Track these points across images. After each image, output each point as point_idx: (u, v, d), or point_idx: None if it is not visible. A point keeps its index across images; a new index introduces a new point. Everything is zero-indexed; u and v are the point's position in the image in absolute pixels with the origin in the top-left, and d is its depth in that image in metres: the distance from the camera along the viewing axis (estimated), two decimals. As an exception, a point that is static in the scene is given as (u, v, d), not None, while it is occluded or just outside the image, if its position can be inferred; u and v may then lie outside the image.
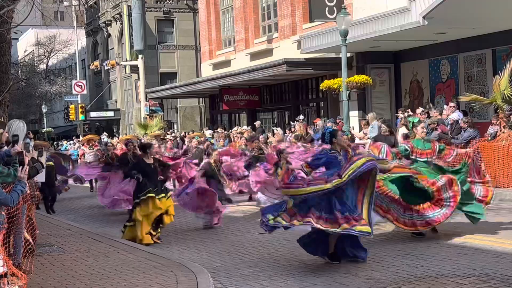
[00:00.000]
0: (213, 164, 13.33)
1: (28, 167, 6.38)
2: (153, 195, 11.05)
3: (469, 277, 7.53)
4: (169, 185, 14.84)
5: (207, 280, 7.61)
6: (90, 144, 22.78)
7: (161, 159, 12.83)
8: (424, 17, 16.86)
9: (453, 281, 7.37)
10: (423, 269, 8.04)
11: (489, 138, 14.93)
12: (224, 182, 14.05)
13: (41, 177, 14.67)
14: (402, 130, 16.82)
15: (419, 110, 17.90)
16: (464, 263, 8.19)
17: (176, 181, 16.31)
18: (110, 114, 48.47)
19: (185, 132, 31.86)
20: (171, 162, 13.99)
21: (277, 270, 8.46)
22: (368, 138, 17.75)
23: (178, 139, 26.26)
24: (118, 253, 9.59)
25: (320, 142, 18.17)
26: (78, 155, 25.41)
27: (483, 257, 8.50)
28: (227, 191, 15.01)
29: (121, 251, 9.73)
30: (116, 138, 34.05)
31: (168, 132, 30.70)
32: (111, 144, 19.29)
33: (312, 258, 9.07)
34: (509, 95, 14.78)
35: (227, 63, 31.25)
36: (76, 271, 8.50)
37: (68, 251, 9.97)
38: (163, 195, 11.21)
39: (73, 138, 42.61)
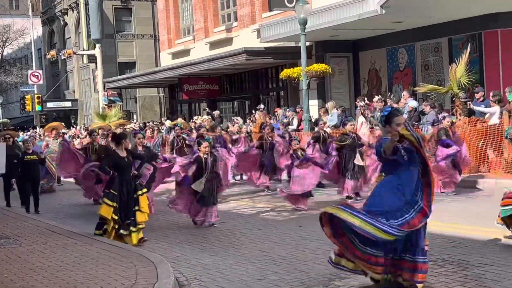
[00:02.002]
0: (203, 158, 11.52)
1: None
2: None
3: (429, 262, 7.62)
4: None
5: (167, 271, 7.55)
6: (54, 134, 20.14)
7: (135, 151, 11.59)
8: (381, 6, 16.99)
9: (411, 267, 7.45)
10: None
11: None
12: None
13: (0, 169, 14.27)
14: (361, 119, 16.99)
15: (376, 98, 18.07)
16: (421, 249, 8.30)
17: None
18: (68, 104, 47.74)
19: (144, 122, 31.59)
20: (164, 165, 12.93)
21: (238, 259, 8.46)
22: (328, 127, 17.86)
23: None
24: (76, 245, 9.45)
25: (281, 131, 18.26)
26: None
27: (440, 242, 8.64)
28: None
29: (79, 243, 9.59)
30: (74, 129, 33.58)
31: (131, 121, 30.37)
32: (96, 134, 16.69)
33: (273, 247, 9.10)
34: (465, 82, 15.02)
35: (186, 52, 31.04)
36: (33, 264, 8.34)
37: (25, 244, 9.78)
38: (139, 192, 10.12)
39: (29, 129, 41.80)
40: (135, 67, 42.71)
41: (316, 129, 15.87)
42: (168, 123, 25.66)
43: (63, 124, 27.84)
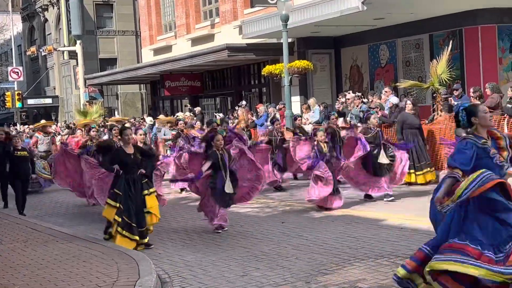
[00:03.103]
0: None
1: None
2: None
3: (408, 257, 7.67)
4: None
5: (149, 268, 7.52)
6: (45, 131, 19.82)
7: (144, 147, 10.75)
8: (363, 3, 17.03)
9: (393, 262, 7.51)
10: (364, 250, 8.18)
11: (427, 122, 15.24)
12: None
13: None
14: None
15: (351, 95, 18.15)
16: (403, 244, 8.37)
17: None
18: (48, 101, 47.36)
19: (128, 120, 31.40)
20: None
21: (220, 256, 8.45)
22: (310, 123, 17.89)
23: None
24: (57, 242, 9.39)
25: (266, 126, 18.18)
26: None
27: (421, 237, 8.68)
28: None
29: (60, 240, 9.54)
30: (55, 126, 33.29)
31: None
32: (95, 130, 15.47)
33: (255, 244, 9.10)
34: (446, 79, 15.11)
35: (168, 48, 30.92)
36: (14, 262, 8.28)
37: (5, 241, 9.71)
38: (145, 192, 9.43)
39: (9, 125, 41.39)
40: (116, 64, 42.46)
41: (323, 123, 15.54)
42: (149, 120, 25.54)
43: (53, 122, 27.56)
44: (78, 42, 36.67)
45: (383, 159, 11.92)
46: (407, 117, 13.94)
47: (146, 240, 9.30)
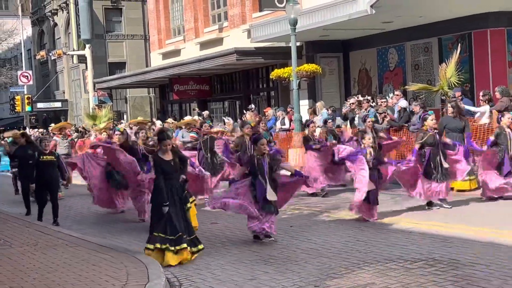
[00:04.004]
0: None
1: None
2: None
3: (417, 261, 7.67)
4: None
5: (158, 271, 7.54)
6: (63, 133, 19.03)
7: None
8: (371, 6, 17.01)
9: (402, 266, 7.50)
10: (373, 254, 8.16)
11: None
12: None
13: None
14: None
15: (354, 99, 18.14)
16: (412, 248, 8.35)
17: None
18: (58, 105, 47.53)
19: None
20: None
21: (228, 259, 8.45)
22: (318, 127, 17.86)
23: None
24: (66, 246, 9.42)
25: (274, 130, 18.11)
26: None
27: (430, 241, 8.68)
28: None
29: (69, 244, 9.56)
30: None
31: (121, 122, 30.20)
32: (119, 133, 14.53)
33: (264, 247, 9.10)
34: (455, 82, 15.08)
35: (176, 52, 30.99)
36: (24, 265, 8.31)
37: (15, 245, 9.74)
38: (189, 205, 8.97)
39: (20, 129, 41.57)
40: (125, 68, 42.59)
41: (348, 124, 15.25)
42: (159, 123, 25.55)
43: (71, 123, 26.74)
44: (87, 46, 36.82)
45: (444, 163, 11.25)
46: (448, 120, 13.44)
47: (201, 247, 8.67)
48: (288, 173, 9.92)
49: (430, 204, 11.42)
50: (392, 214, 11.11)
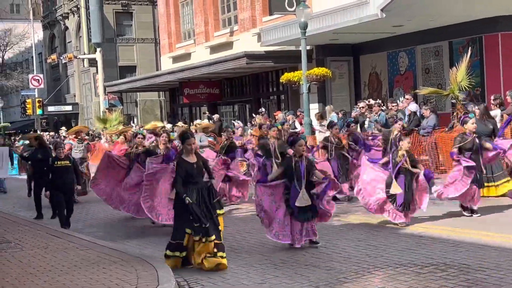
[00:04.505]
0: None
1: None
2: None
3: (427, 266, 7.64)
4: None
5: (168, 274, 7.55)
6: (79, 137, 18.66)
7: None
8: (382, 10, 17.00)
9: (412, 271, 7.47)
10: (383, 259, 8.13)
11: (447, 129, 15.16)
12: None
13: (1, 174, 13.97)
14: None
15: (362, 103, 18.11)
16: (422, 253, 8.32)
17: None
18: (68, 108, 47.72)
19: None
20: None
21: (238, 263, 8.45)
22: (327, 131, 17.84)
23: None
24: (77, 249, 9.45)
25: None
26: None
27: (441, 246, 8.64)
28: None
29: (80, 247, 9.60)
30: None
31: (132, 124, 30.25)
32: (141, 136, 13.81)
33: (274, 251, 9.09)
34: (466, 86, 15.03)
35: (187, 56, 31.06)
36: (35, 268, 8.35)
37: (26, 248, 9.79)
38: (220, 212, 8.48)
39: (31, 131, 41.78)
40: (135, 71, 42.72)
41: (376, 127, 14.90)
42: (181, 124, 25.29)
43: (88, 127, 26.31)
44: (98, 50, 36.97)
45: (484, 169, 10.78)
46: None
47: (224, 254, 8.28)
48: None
49: (470, 211, 10.80)
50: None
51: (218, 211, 8.38)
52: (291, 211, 8.91)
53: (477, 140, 10.80)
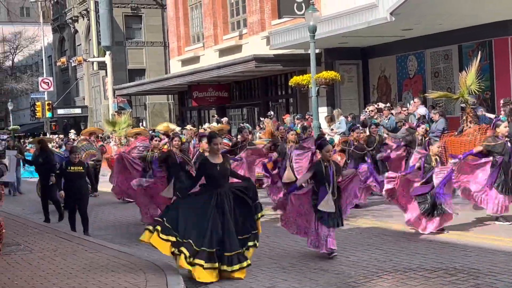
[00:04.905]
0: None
1: None
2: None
3: (437, 270, 7.61)
4: None
5: (177, 278, 7.56)
6: (92, 138, 18.47)
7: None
8: (391, 13, 16.97)
9: (421, 275, 7.45)
10: (392, 263, 8.11)
11: (456, 133, 15.09)
12: None
13: (9, 177, 13.93)
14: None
15: (371, 107, 18.05)
16: (432, 257, 8.29)
17: None
18: (78, 111, 47.95)
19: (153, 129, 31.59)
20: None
21: (247, 268, 8.43)
22: (336, 134, 17.84)
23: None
24: (86, 252, 9.48)
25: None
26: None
27: (450, 250, 8.61)
28: None
29: (89, 250, 9.62)
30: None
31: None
32: (158, 139, 13.31)
33: (282, 255, 9.08)
34: (475, 90, 14.97)
35: (196, 59, 31.12)
36: (44, 270, 8.38)
37: (35, 250, 9.82)
38: (259, 215, 8.14)
39: (40, 134, 41.97)
40: (144, 74, 42.87)
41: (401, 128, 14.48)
42: (207, 125, 25.12)
43: (102, 129, 25.79)
44: (108, 53, 37.10)
45: None
46: None
47: (237, 267, 7.75)
48: None
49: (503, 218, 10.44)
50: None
51: (260, 214, 8.04)
52: (320, 216, 8.64)
53: (509, 144, 10.48)
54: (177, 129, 24.83)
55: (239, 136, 14.62)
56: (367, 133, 14.69)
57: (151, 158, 12.18)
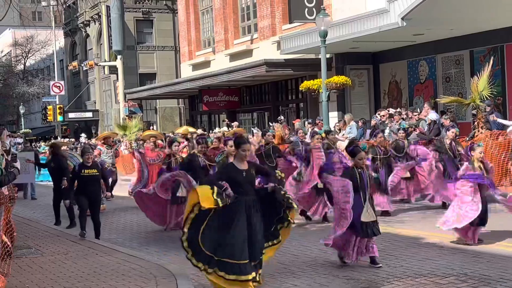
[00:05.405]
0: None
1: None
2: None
3: (447, 276, 7.58)
4: None
5: (187, 282, 7.57)
6: (108, 143, 18.20)
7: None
8: (402, 18, 16.97)
9: (432, 281, 7.42)
10: (402, 269, 8.08)
11: (467, 139, 15.05)
12: None
13: (28, 178, 13.92)
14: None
15: (384, 112, 18.03)
16: (443, 263, 8.25)
17: None
18: (89, 115, 48.12)
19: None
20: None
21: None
22: (347, 139, 17.81)
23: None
24: (97, 255, 9.51)
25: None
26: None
27: (461, 257, 8.57)
28: None
29: (100, 253, 9.65)
30: (94, 140, 33.74)
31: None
32: (177, 144, 13.11)
33: (292, 260, 9.07)
34: (487, 95, 14.92)
35: (206, 63, 31.18)
36: (55, 274, 8.41)
37: (46, 254, 9.86)
38: (284, 225, 7.54)
39: (51, 138, 42.18)
40: (155, 78, 42.98)
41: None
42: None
43: (117, 133, 25.28)
44: (119, 57, 37.27)
45: None
46: None
47: (252, 276, 7.22)
48: None
49: None
50: (423, 228, 11.00)
51: (284, 224, 7.47)
52: (352, 224, 8.24)
53: None
54: (198, 131, 24.42)
55: (262, 140, 14.23)
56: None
57: (176, 164, 12.16)
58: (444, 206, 12.11)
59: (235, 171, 7.32)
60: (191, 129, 19.04)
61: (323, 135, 13.11)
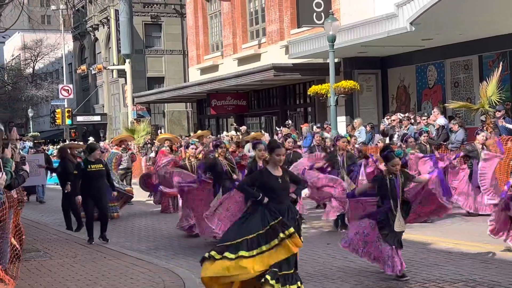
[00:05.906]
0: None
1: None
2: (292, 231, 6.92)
3: (456, 282, 7.55)
4: None
5: (195, 286, 7.58)
6: (123, 146, 17.77)
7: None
8: (411, 23, 16.94)
9: (441, 287, 7.39)
10: (411, 274, 8.05)
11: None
12: None
13: (40, 180, 13.92)
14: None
15: (396, 116, 18.00)
16: (451, 269, 8.22)
17: None
18: (97, 118, 48.28)
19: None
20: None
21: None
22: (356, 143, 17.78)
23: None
24: (105, 259, 9.53)
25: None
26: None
27: (470, 262, 8.54)
28: None
29: (108, 257, 9.68)
30: (103, 143, 33.80)
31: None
32: (195, 147, 13.07)
33: (300, 265, 9.04)
34: (496, 101, 14.87)
35: (214, 68, 31.24)
36: (63, 277, 8.44)
37: (54, 257, 9.90)
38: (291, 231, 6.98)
39: (59, 141, 42.32)
40: (164, 82, 43.09)
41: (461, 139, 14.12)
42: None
43: (133, 136, 24.86)
44: (127, 61, 37.36)
45: None
46: None
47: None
48: None
49: None
50: (431, 233, 10.97)
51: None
52: (384, 233, 7.97)
53: None
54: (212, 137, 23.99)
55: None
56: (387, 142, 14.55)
57: (195, 164, 12.14)
58: (469, 214, 12.08)
59: (269, 177, 6.97)
60: (207, 133, 18.76)
61: (348, 138, 12.53)
